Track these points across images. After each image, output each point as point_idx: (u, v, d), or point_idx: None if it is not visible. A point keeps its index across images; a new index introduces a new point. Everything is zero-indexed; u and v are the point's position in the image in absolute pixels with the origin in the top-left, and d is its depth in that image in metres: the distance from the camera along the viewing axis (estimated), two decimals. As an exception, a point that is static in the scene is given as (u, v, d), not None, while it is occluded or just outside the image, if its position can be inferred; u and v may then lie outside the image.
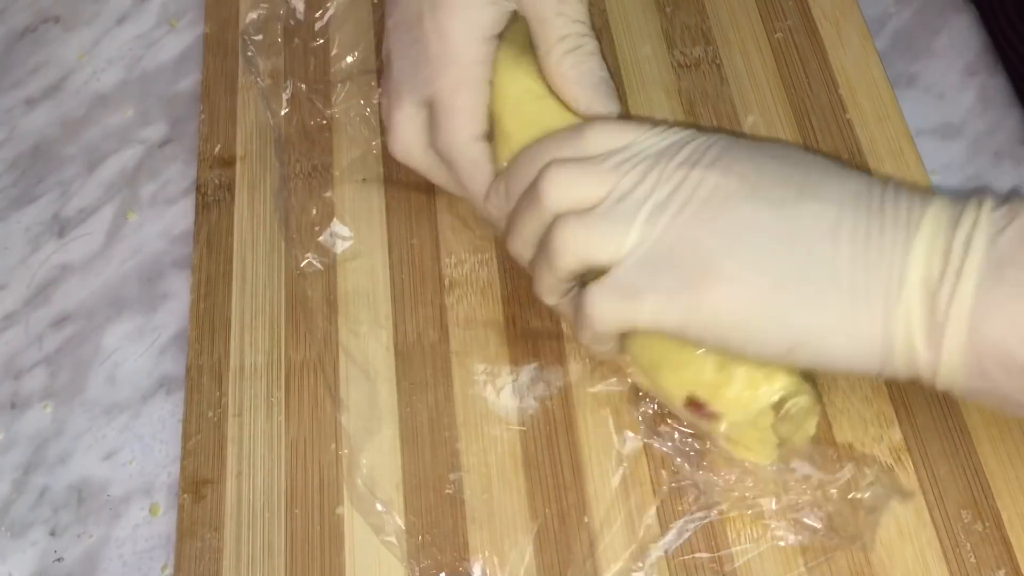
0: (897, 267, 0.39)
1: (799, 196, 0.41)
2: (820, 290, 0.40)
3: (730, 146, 0.43)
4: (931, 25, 0.60)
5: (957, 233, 0.39)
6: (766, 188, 0.41)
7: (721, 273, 0.40)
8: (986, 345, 0.38)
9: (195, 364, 0.50)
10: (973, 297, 0.38)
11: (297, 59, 0.59)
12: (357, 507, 0.46)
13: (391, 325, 0.51)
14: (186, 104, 0.61)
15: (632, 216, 0.41)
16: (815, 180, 0.42)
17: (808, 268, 0.40)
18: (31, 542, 0.49)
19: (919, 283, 0.39)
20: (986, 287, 0.38)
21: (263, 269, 0.53)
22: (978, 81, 0.58)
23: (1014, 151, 0.56)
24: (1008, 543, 0.43)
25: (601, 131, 0.45)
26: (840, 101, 0.55)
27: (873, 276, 0.39)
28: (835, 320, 0.39)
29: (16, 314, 0.55)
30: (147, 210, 0.58)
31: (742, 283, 0.40)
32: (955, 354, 0.38)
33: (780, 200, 0.41)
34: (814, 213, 0.40)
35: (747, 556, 0.44)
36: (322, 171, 0.55)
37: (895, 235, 0.39)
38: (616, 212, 0.42)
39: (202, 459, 0.48)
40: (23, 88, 0.62)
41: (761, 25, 0.58)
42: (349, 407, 0.49)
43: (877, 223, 0.40)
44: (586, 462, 0.46)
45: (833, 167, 0.43)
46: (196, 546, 0.46)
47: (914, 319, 0.39)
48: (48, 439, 0.51)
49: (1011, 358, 0.37)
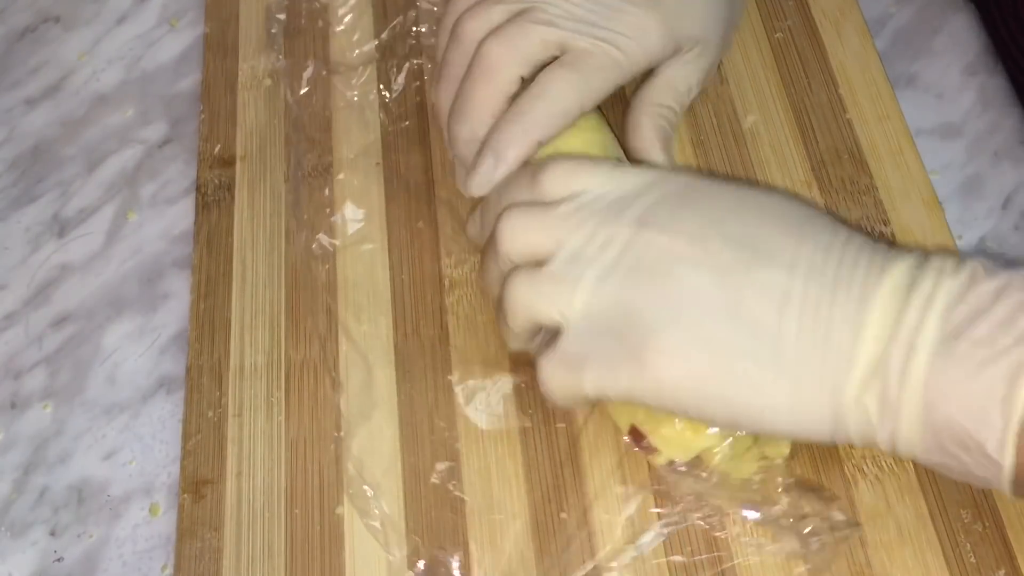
0: (847, 344, 0.38)
1: (750, 262, 0.39)
2: (763, 368, 0.38)
3: (687, 197, 0.42)
4: (931, 25, 0.60)
5: (911, 304, 0.37)
6: (715, 251, 0.40)
7: (661, 346, 0.39)
8: (941, 424, 0.37)
9: (195, 364, 0.50)
10: (925, 375, 0.36)
11: (319, 41, 0.59)
12: (347, 490, 0.46)
13: (391, 323, 0.51)
14: (186, 104, 0.61)
15: (578, 279, 0.41)
16: (771, 241, 0.40)
17: (752, 344, 0.39)
18: (31, 542, 0.49)
19: (871, 361, 0.37)
20: (938, 364, 0.36)
21: (263, 269, 0.53)
22: (978, 81, 0.58)
23: (1014, 151, 0.56)
24: (1008, 543, 0.43)
25: (555, 173, 0.43)
26: (840, 101, 0.55)
27: (822, 354, 0.38)
28: (779, 399, 0.39)
29: (16, 314, 0.55)
30: (147, 210, 0.58)
31: (682, 358, 0.39)
32: (912, 431, 0.37)
33: (729, 266, 0.39)
34: (763, 283, 0.39)
35: (747, 557, 0.44)
36: (336, 153, 0.56)
37: (847, 308, 0.38)
38: (563, 274, 0.41)
39: (202, 459, 0.48)
40: (23, 88, 0.62)
41: (761, 25, 0.58)
42: (347, 389, 0.49)
43: (829, 295, 0.38)
44: (585, 461, 0.46)
45: (795, 220, 0.41)
46: (196, 546, 0.46)
47: (867, 398, 0.38)
48: (48, 439, 0.51)
49: (967, 436, 0.36)
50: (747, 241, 0.40)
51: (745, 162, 0.54)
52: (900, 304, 0.38)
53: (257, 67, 0.59)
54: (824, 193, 0.52)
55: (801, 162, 0.54)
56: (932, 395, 0.36)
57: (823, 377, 0.38)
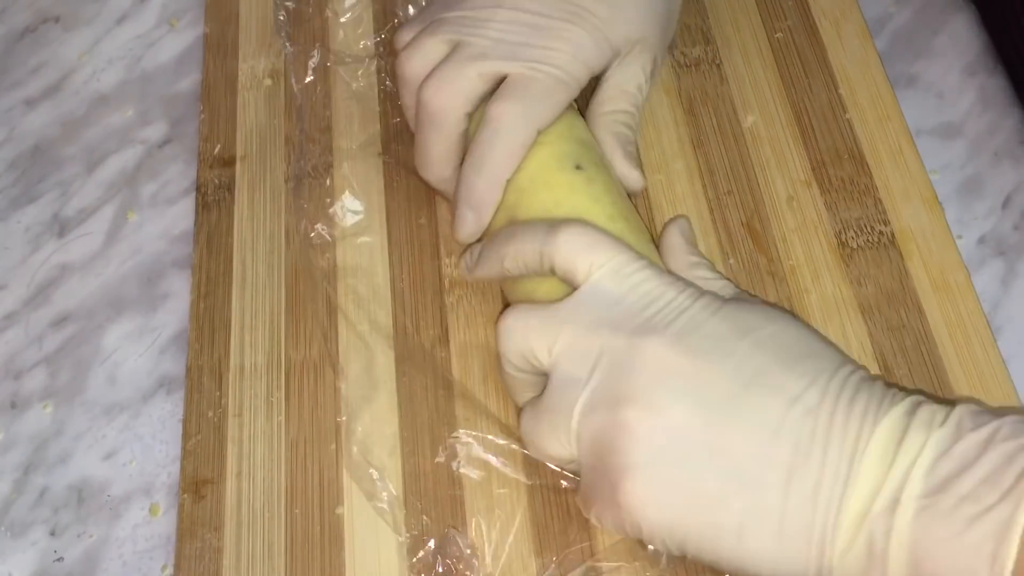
0: (836, 500, 0.36)
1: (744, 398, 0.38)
2: (745, 517, 0.37)
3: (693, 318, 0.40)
4: (931, 25, 0.60)
5: (898, 460, 0.36)
6: (709, 382, 0.38)
7: (635, 489, 0.38)
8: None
9: (195, 364, 0.50)
10: (911, 531, 0.35)
11: (327, 30, 0.60)
12: (352, 474, 0.46)
13: (391, 322, 0.51)
14: (186, 104, 0.61)
15: (570, 410, 0.40)
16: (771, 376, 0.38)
17: (735, 491, 0.37)
18: (31, 542, 0.49)
19: (857, 516, 0.36)
20: (924, 520, 0.35)
21: (263, 269, 0.53)
22: (978, 81, 0.58)
23: (1014, 151, 0.56)
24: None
25: (572, 239, 0.42)
26: (840, 101, 0.55)
27: (810, 508, 0.37)
28: (762, 550, 0.37)
29: (16, 314, 0.55)
30: (147, 210, 0.58)
31: (656, 503, 0.38)
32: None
33: (720, 402, 0.38)
34: (753, 424, 0.38)
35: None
36: (337, 143, 0.56)
37: (839, 464, 0.37)
38: (557, 406, 0.41)
39: (202, 459, 0.48)
40: (23, 88, 0.62)
41: (761, 25, 0.58)
42: (348, 374, 0.49)
43: (820, 448, 0.37)
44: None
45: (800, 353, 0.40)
46: (196, 546, 0.46)
47: (852, 553, 0.36)
48: (48, 439, 0.51)
49: None
50: (745, 374, 0.38)
51: (745, 162, 0.54)
52: (890, 459, 0.36)
53: (257, 67, 0.59)
54: (824, 193, 0.53)
55: (801, 162, 0.54)
56: (919, 552, 0.35)
57: (810, 531, 0.37)
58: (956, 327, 0.48)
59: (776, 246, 0.51)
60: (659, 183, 0.53)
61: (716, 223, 0.52)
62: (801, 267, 0.51)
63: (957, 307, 0.49)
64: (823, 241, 0.51)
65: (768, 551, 0.37)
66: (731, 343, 0.39)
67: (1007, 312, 0.51)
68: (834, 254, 0.51)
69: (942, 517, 0.35)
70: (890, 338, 0.48)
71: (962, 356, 0.48)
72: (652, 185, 0.53)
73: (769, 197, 0.53)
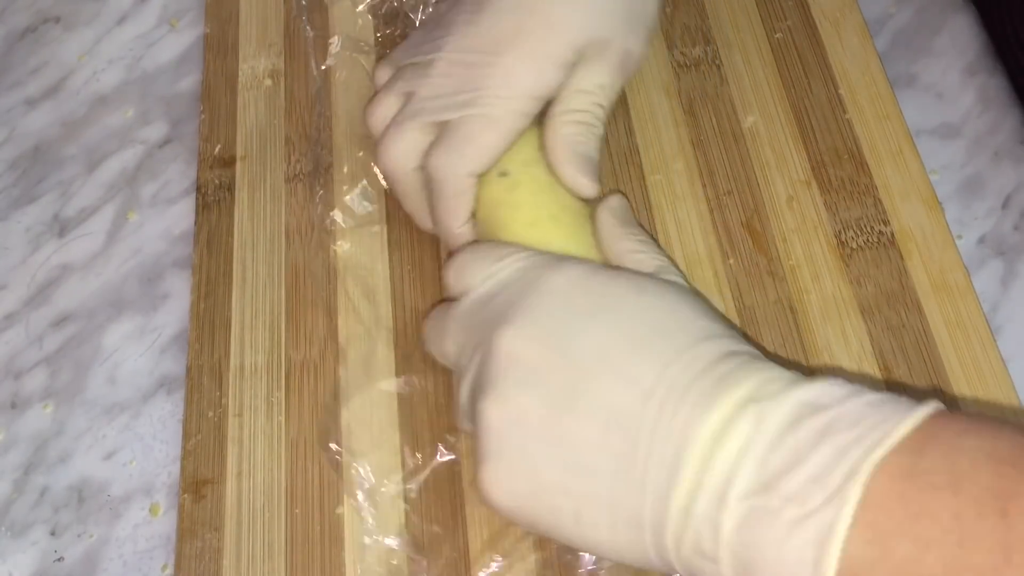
0: (663, 490, 0.35)
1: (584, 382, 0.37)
2: (580, 503, 0.37)
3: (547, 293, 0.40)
4: (931, 25, 0.60)
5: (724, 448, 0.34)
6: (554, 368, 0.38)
7: (486, 476, 0.39)
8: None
9: (195, 364, 0.51)
10: (738, 532, 0.33)
11: (346, 18, 0.60)
12: (350, 474, 0.47)
13: (391, 320, 0.51)
14: (186, 104, 0.61)
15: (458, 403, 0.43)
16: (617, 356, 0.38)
17: (570, 478, 0.37)
18: (31, 542, 0.49)
19: (681, 510, 0.35)
20: (752, 521, 0.33)
21: (263, 269, 0.53)
22: (978, 81, 0.58)
23: (1014, 151, 0.56)
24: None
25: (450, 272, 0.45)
26: (840, 101, 0.55)
27: (638, 497, 0.36)
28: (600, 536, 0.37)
29: (16, 314, 0.55)
30: (147, 210, 0.58)
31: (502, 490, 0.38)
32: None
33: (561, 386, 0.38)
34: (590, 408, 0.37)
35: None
36: (355, 129, 0.56)
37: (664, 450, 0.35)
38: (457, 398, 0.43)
39: (202, 459, 0.48)
40: (23, 88, 0.62)
41: (761, 25, 0.58)
42: (347, 361, 0.49)
43: (648, 436, 0.36)
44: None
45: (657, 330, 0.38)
46: (196, 546, 0.46)
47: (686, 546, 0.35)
48: (48, 439, 0.51)
49: None
50: (590, 359, 0.38)
51: (745, 162, 0.54)
52: (715, 447, 0.34)
53: (257, 67, 0.59)
54: (824, 193, 0.53)
55: (801, 162, 0.54)
56: (749, 554, 0.33)
57: (641, 522, 0.36)
58: (956, 327, 0.48)
59: (776, 246, 0.51)
60: (659, 183, 0.54)
61: (716, 223, 0.52)
62: (801, 267, 0.51)
63: (957, 307, 0.49)
64: (823, 241, 0.51)
65: (605, 538, 0.37)
66: (581, 322, 0.39)
67: (1007, 312, 0.51)
68: (834, 254, 0.51)
69: (769, 519, 0.33)
70: (890, 338, 0.48)
71: (962, 356, 0.48)
72: (652, 185, 0.53)
73: (769, 197, 0.53)
